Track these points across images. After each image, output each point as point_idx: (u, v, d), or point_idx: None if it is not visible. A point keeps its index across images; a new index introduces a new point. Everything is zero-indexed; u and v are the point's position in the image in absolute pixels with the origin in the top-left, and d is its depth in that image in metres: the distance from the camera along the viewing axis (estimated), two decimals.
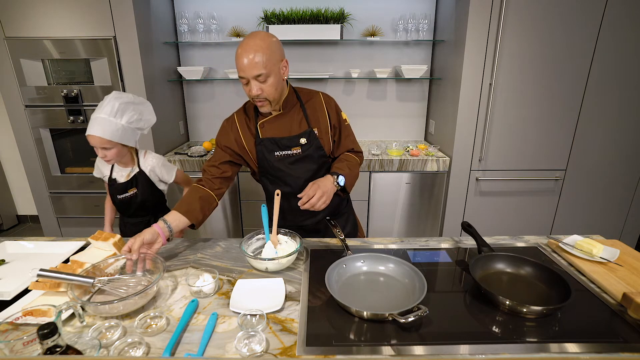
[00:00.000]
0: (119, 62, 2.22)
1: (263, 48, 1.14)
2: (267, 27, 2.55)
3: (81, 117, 2.31)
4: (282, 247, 1.22)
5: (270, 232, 1.24)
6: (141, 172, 1.55)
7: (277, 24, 2.56)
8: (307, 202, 1.18)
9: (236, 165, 1.39)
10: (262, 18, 2.61)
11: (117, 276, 1.05)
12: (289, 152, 1.33)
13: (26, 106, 2.31)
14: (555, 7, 2.09)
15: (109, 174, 1.56)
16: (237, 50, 1.16)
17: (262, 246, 1.24)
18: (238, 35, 2.60)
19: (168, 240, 1.16)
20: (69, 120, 2.32)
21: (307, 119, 1.34)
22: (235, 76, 2.66)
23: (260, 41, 1.15)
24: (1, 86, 2.28)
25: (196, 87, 2.86)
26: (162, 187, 1.63)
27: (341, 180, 1.28)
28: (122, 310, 0.91)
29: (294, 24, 2.56)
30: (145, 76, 2.26)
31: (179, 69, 2.66)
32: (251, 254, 1.19)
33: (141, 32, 2.21)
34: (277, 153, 1.33)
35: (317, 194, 1.18)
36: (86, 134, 1.40)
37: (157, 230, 1.12)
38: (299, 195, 1.20)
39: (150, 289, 0.93)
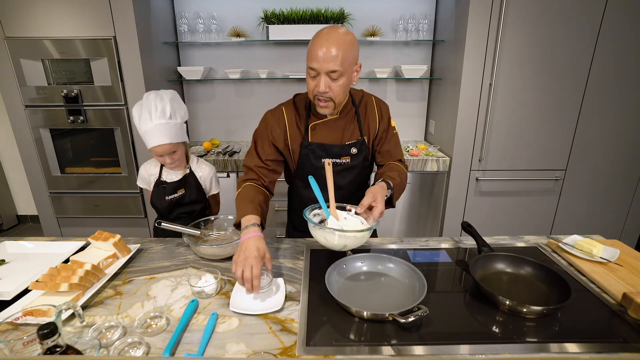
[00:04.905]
0: (119, 62, 2.21)
1: (345, 43, 1.04)
2: (267, 27, 2.55)
3: (81, 117, 2.31)
4: (345, 223, 1.05)
5: (328, 206, 1.08)
6: (191, 174, 1.51)
7: (277, 24, 2.56)
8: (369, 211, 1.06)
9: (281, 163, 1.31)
10: (262, 18, 2.61)
11: (215, 231, 1.36)
12: (338, 160, 1.25)
13: (26, 106, 2.31)
14: (555, 7, 2.09)
15: (157, 177, 1.50)
16: (314, 39, 1.05)
17: (321, 222, 1.06)
18: (238, 35, 2.60)
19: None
20: (69, 120, 2.32)
21: (360, 127, 1.25)
22: (236, 76, 2.65)
23: (343, 35, 1.04)
24: (1, 86, 2.27)
25: (196, 87, 2.86)
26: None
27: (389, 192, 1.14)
28: (218, 254, 1.17)
29: (294, 24, 2.56)
30: (145, 76, 2.26)
31: (179, 69, 2.66)
32: (325, 227, 1.00)
33: (141, 32, 2.21)
34: (324, 160, 1.24)
35: (379, 207, 1.03)
36: (153, 145, 1.35)
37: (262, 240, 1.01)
38: (362, 203, 1.05)
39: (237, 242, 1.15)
